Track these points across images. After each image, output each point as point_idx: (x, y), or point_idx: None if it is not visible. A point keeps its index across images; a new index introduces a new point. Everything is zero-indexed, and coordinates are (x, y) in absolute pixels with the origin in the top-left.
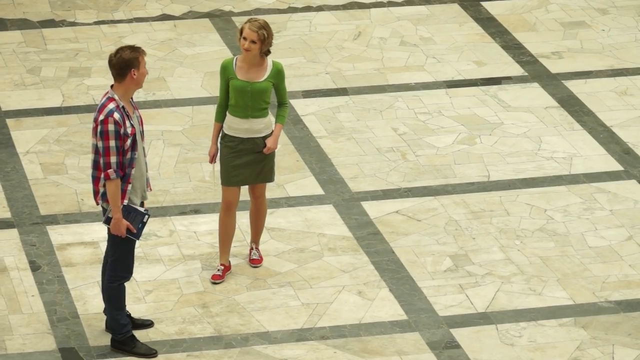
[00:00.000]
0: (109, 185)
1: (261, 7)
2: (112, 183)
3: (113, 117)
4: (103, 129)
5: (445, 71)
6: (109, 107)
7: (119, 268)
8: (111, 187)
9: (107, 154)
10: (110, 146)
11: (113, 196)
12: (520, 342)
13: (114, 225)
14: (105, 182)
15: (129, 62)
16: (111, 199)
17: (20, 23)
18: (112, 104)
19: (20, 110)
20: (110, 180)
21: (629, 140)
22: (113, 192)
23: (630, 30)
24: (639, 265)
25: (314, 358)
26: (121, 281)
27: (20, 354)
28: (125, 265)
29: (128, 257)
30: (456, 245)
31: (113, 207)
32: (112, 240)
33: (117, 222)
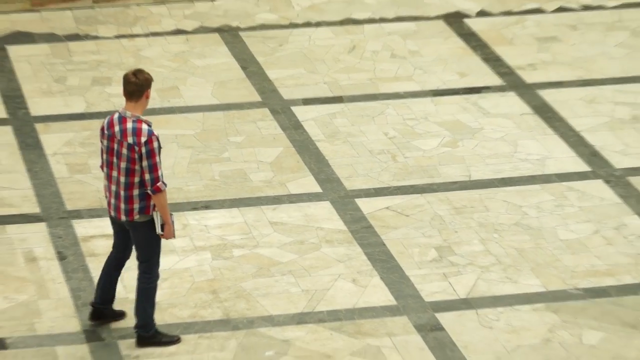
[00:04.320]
0: (161, 196)
1: (265, 23)
2: (163, 194)
3: (155, 136)
4: (149, 147)
5: (431, 81)
6: (144, 127)
7: (155, 269)
8: (162, 199)
9: (155, 169)
10: (157, 162)
11: (165, 206)
12: (497, 325)
13: (167, 230)
14: (156, 195)
15: (149, 83)
16: (163, 209)
17: (48, 37)
18: (144, 124)
19: (48, 115)
20: (162, 192)
21: (596, 144)
22: (164, 202)
23: (597, 45)
24: (604, 256)
25: (313, 339)
26: (157, 280)
27: (48, 335)
28: (158, 265)
29: (159, 258)
30: (440, 238)
31: (166, 216)
32: (148, 248)
33: (169, 228)
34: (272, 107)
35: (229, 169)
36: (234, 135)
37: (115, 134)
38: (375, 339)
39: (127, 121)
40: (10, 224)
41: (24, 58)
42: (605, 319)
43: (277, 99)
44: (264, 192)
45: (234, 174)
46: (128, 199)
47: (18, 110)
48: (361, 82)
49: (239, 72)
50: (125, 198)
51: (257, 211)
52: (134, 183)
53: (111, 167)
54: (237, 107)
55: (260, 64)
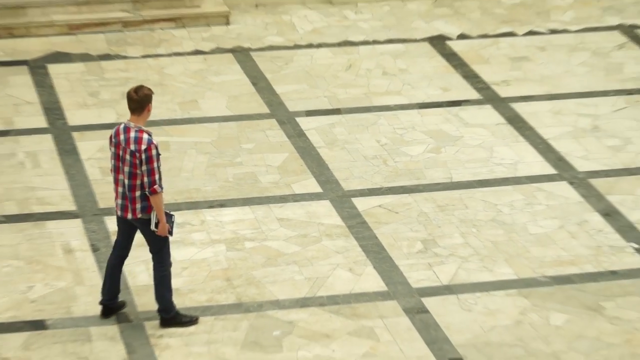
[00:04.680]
0: (157, 198)
1: (273, 45)
2: (159, 196)
3: (154, 144)
4: (148, 154)
5: (418, 95)
6: (145, 137)
7: (166, 258)
8: (158, 200)
9: (153, 173)
10: (155, 167)
11: (160, 206)
12: (476, 308)
13: (161, 228)
14: (152, 196)
15: (149, 98)
16: (159, 209)
17: (83, 56)
18: (145, 134)
19: (83, 125)
20: (157, 194)
21: (562, 150)
22: (160, 203)
23: (562, 64)
24: (568, 248)
25: (314, 321)
26: (169, 268)
27: (83, 317)
28: (169, 255)
29: (169, 249)
30: (426, 232)
31: (160, 215)
32: (156, 241)
33: (163, 226)
34: (278, 118)
35: (241, 172)
36: (246, 142)
37: (121, 142)
38: (368, 321)
39: (130, 131)
40: (50, 220)
41: (63, 75)
42: (569, 303)
43: (283, 110)
44: (271, 192)
45: (246, 176)
46: (132, 199)
47: (57, 120)
48: (356, 96)
49: (250, 87)
50: (129, 198)
51: (265, 209)
52: (136, 185)
53: (118, 170)
54: (248, 118)
55: (269, 80)
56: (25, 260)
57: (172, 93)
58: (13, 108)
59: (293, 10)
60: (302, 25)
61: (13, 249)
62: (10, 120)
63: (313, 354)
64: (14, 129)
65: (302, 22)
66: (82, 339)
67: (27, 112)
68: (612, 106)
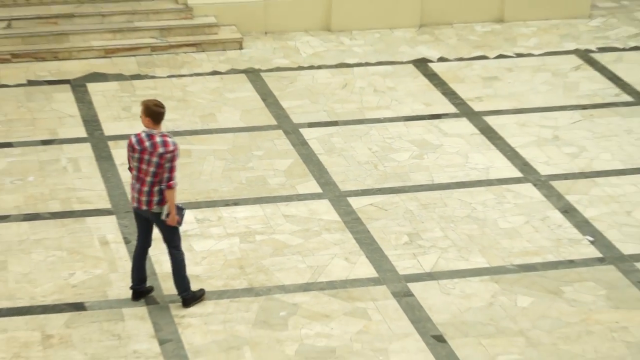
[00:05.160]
0: (173, 192)
1: (280, 66)
2: (173, 191)
3: (177, 145)
4: (174, 155)
5: (404, 110)
6: (170, 140)
7: (180, 245)
8: (171, 194)
9: (173, 170)
10: (175, 165)
11: (173, 199)
12: (454, 292)
13: (170, 218)
14: (169, 191)
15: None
16: (172, 201)
17: (117, 76)
18: (168, 137)
19: (117, 135)
20: (173, 188)
21: (527, 157)
22: (173, 196)
23: (527, 83)
24: (533, 240)
25: (315, 303)
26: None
27: (117, 300)
28: (181, 241)
29: (180, 237)
30: (411, 227)
31: (172, 207)
32: (167, 230)
33: (173, 217)
34: (284, 129)
35: (252, 175)
36: (256, 150)
37: (147, 148)
38: (362, 303)
39: (155, 137)
40: (88, 216)
41: (100, 92)
42: (534, 287)
43: (288, 123)
44: (278, 192)
45: (256, 179)
46: (150, 193)
47: (95, 131)
48: (351, 111)
49: (260, 102)
50: (147, 193)
51: (273, 207)
52: (156, 182)
53: (140, 171)
54: (258, 129)
55: (276, 96)
56: (68, 251)
57: (193, 107)
58: (57, 120)
59: (297, 36)
60: (304, 50)
61: (57, 241)
62: (55, 131)
63: (314, 331)
64: (58, 138)
65: (305, 47)
66: (115, 318)
67: (69, 124)
68: (570, 119)
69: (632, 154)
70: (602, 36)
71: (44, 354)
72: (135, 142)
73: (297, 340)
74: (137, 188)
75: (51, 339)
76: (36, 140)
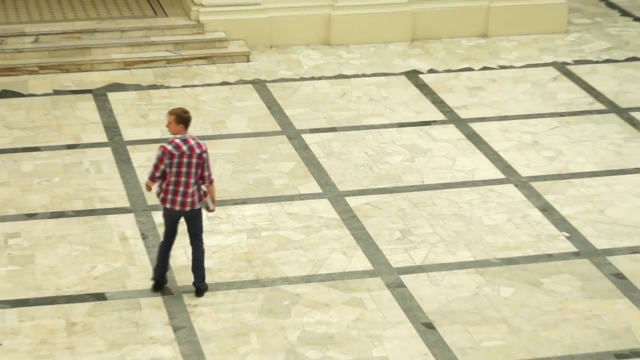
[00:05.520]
0: (213, 185)
1: (283, 77)
2: (214, 184)
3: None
4: (207, 153)
5: (397, 117)
6: (202, 142)
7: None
8: (214, 187)
9: (209, 167)
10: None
11: (214, 191)
12: (442, 283)
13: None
14: (212, 185)
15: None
16: (214, 193)
17: (136, 87)
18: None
19: (135, 140)
20: (213, 181)
21: (509, 160)
22: (215, 190)
23: (509, 92)
24: (514, 236)
25: (316, 293)
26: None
27: (135, 290)
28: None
29: None
30: (403, 224)
31: (214, 198)
32: (200, 224)
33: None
34: (288, 134)
35: (259, 177)
36: (262, 153)
37: (186, 151)
38: (358, 293)
39: (189, 140)
40: (109, 214)
41: (119, 101)
42: (515, 279)
43: (291, 129)
44: (282, 192)
45: (262, 180)
46: (192, 194)
47: (115, 136)
48: (349, 118)
49: (266, 110)
50: (192, 193)
51: (277, 205)
52: (197, 181)
53: (180, 175)
54: (264, 134)
55: (280, 105)
56: (90, 245)
57: (204, 115)
58: (80, 127)
59: (299, 50)
60: (306, 62)
61: (80, 237)
62: (79, 136)
63: (315, 319)
64: (81, 143)
65: (306, 59)
66: (134, 307)
67: (91, 130)
68: (548, 125)
69: (604, 157)
70: (577, 50)
71: (68, 340)
72: (172, 149)
73: (299, 327)
74: (182, 191)
75: (75, 326)
76: (61, 145)
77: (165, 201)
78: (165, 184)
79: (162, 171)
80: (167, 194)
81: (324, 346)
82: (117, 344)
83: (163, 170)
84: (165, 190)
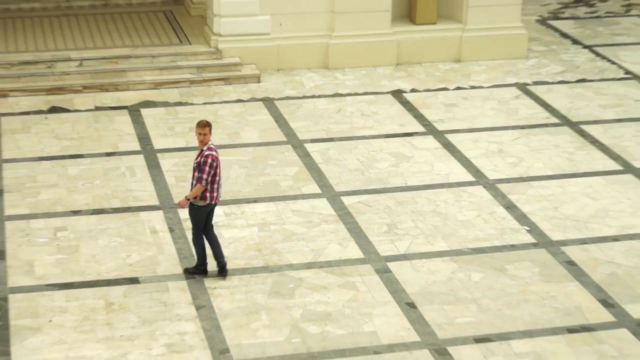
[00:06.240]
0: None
1: (289, 96)
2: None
3: None
4: None
5: (384, 129)
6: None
7: None
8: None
9: None
10: None
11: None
12: (422, 269)
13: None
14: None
15: None
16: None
17: (164, 104)
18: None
19: (164, 148)
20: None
21: (478, 165)
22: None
23: (478, 108)
24: (483, 230)
25: (316, 277)
26: None
27: (163, 275)
28: None
29: None
30: (389, 219)
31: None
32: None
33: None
34: (292, 144)
35: (268, 180)
36: (271, 160)
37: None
38: (352, 278)
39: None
40: (141, 211)
41: (150, 116)
42: (484, 265)
43: (295, 139)
44: (288, 193)
45: (271, 183)
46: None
47: (147, 145)
48: (344, 130)
49: (274, 124)
50: (217, 189)
51: (284, 204)
52: None
53: (216, 175)
54: (272, 144)
55: (286, 119)
56: (125, 237)
57: (222, 127)
58: (118, 137)
59: (302, 73)
60: (308, 83)
61: (117, 230)
62: (116, 145)
63: (315, 299)
64: (118, 151)
65: (308, 80)
66: (162, 290)
67: (127, 140)
68: (511, 136)
69: (558, 163)
70: (536, 73)
71: (107, 317)
72: (217, 155)
73: (302, 306)
74: (216, 188)
75: (112, 305)
76: (101, 153)
77: (206, 198)
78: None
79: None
80: (215, 192)
81: (323, 322)
82: (148, 320)
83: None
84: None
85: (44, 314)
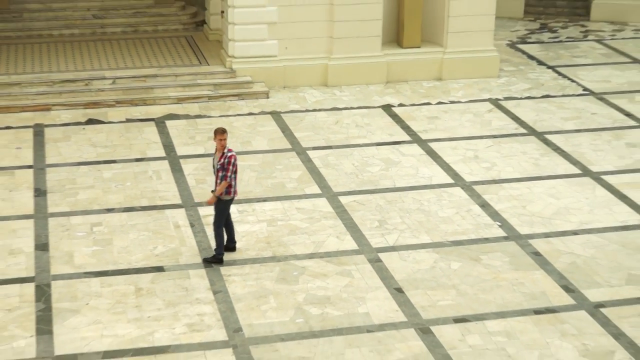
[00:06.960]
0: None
1: (293, 110)
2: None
3: None
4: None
5: (375, 138)
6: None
7: None
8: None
9: None
10: None
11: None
12: (409, 259)
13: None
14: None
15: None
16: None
17: (186, 116)
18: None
19: (186, 155)
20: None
21: (458, 169)
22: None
23: (457, 120)
24: (461, 225)
25: (317, 266)
26: None
27: (185, 264)
28: None
29: None
30: (380, 216)
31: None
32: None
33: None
34: (297, 151)
35: (275, 182)
36: (278, 165)
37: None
38: (347, 266)
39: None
40: (166, 209)
41: (174, 127)
42: (462, 256)
43: (299, 147)
44: (292, 193)
45: (278, 184)
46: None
47: (171, 152)
48: (340, 139)
49: (280, 134)
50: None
51: (289, 203)
52: None
53: (236, 172)
54: (279, 151)
55: (291, 129)
56: (152, 232)
57: (236, 137)
58: (146, 145)
59: (305, 90)
60: (309, 98)
61: (145, 225)
62: (145, 152)
63: (316, 285)
64: (146, 157)
65: (310, 96)
66: (184, 277)
67: (154, 148)
68: (485, 144)
69: (526, 168)
70: (506, 89)
71: (136, 301)
72: (236, 155)
73: (304, 291)
74: (236, 184)
75: (141, 291)
76: (132, 158)
77: (230, 193)
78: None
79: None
80: (230, 187)
81: (323, 305)
82: (172, 303)
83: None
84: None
85: (82, 298)
